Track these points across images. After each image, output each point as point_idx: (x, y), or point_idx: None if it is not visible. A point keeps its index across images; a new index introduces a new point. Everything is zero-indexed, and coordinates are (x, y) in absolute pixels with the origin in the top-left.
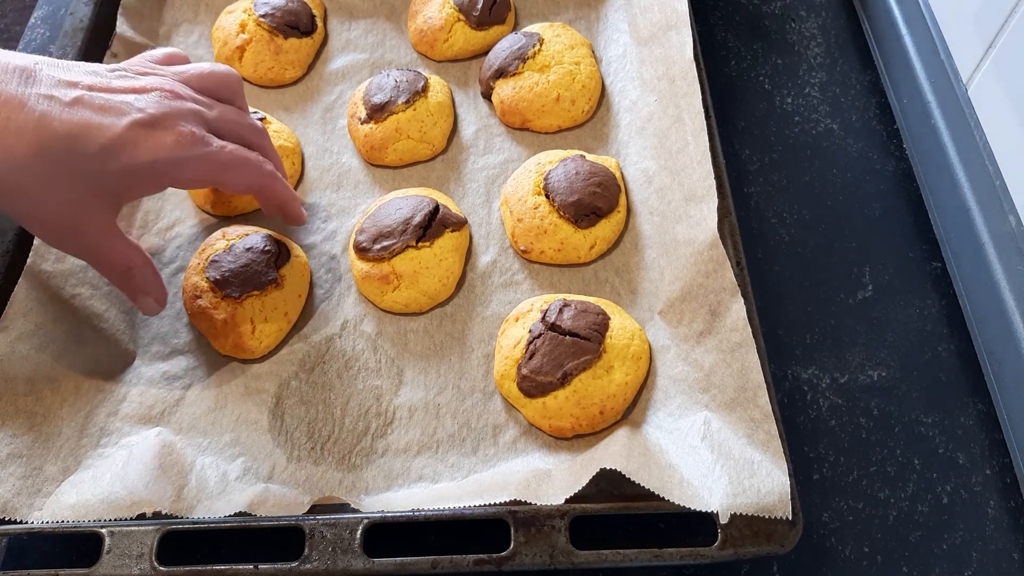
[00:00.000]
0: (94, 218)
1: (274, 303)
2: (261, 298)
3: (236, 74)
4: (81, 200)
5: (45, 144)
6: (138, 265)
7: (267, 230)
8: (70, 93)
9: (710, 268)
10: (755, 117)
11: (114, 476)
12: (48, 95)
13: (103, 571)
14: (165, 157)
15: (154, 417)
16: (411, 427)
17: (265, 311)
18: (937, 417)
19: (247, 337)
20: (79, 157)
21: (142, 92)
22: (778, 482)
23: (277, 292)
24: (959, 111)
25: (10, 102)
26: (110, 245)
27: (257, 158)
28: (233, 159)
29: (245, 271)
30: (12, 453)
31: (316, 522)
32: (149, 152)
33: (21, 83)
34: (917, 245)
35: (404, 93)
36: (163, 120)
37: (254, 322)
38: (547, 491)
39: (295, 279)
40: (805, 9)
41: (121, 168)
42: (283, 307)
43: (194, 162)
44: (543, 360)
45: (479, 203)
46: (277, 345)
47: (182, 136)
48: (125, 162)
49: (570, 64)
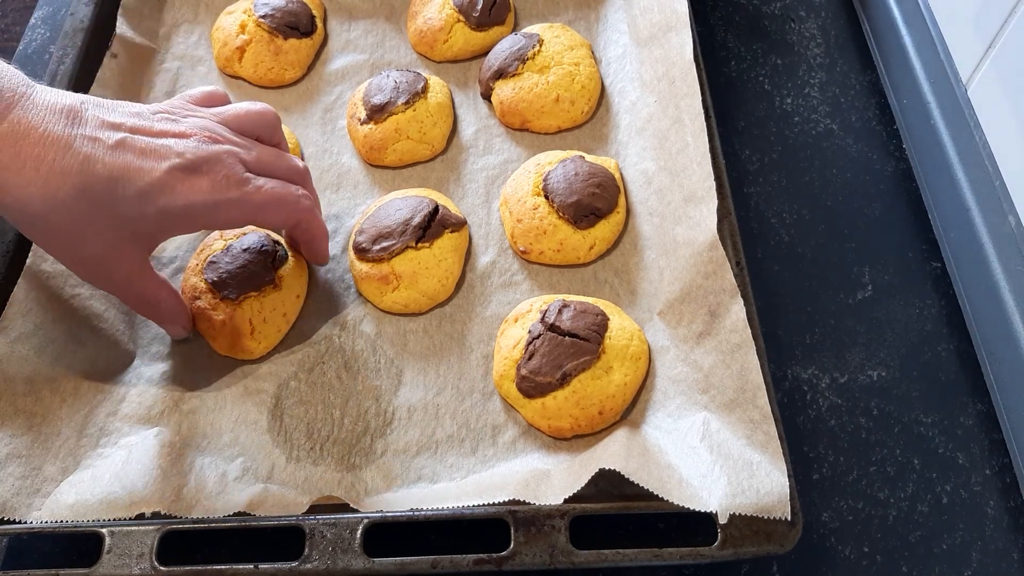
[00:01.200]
0: (128, 258)
1: (272, 304)
2: (259, 299)
3: (273, 112)
4: (117, 241)
5: (88, 186)
6: (165, 299)
7: (265, 230)
8: (114, 136)
9: (710, 269)
10: (755, 117)
11: (113, 476)
12: (93, 137)
13: (103, 571)
14: (201, 201)
15: (153, 417)
16: (410, 427)
17: (264, 312)
18: (937, 417)
19: (246, 338)
20: (118, 199)
21: (182, 137)
22: (777, 483)
23: (275, 293)
24: (959, 111)
25: (57, 143)
26: (141, 283)
27: (293, 193)
28: (268, 198)
29: (243, 272)
30: (11, 453)
31: (316, 522)
32: (186, 196)
33: (68, 124)
34: (917, 245)
35: (404, 94)
36: (201, 165)
37: (252, 323)
38: (546, 491)
39: (293, 279)
40: (805, 9)
41: (157, 211)
42: (281, 308)
43: (228, 205)
44: (542, 361)
45: (478, 204)
46: (276, 345)
47: (218, 181)
48: (161, 206)
49: (570, 65)
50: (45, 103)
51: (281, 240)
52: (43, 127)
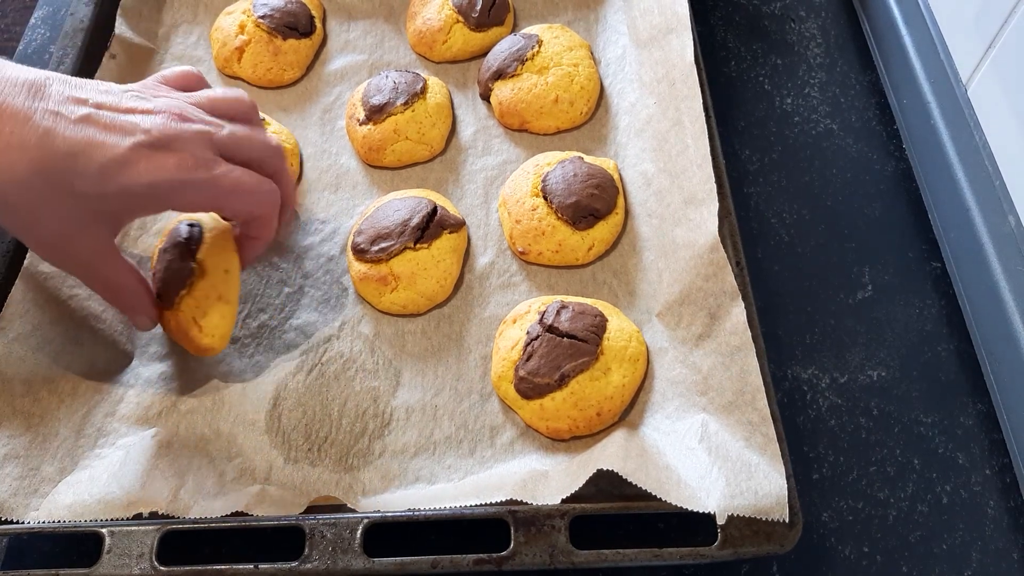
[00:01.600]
0: (90, 238)
1: (203, 292)
2: (191, 293)
3: (250, 99)
4: (79, 219)
5: (46, 161)
6: (130, 285)
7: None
8: (78, 110)
9: (710, 271)
10: (755, 117)
11: (111, 476)
12: (55, 111)
13: (103, 571)
14: (166, 180)
15: (151, 418)
16: (408, 428)
17: (200, 305)
18: (937, 417)
19: (199, 339)
20: (78, 175)
21: (150, 113)
22: (775, 484)
23: (202, 281)
24: (959, 111)
25: (16, 116)
26: (105, 266)
27: (263, 187)
28: (235, 185)
29: (167, 273)
30: (9, 454)
31: (316, 522)
32: (149, 174)
33: (29, 97)
34: (917, 245)
35: (403, 95)
36: (168, 142)
37: (196, 320)
38: (544, 492)
39: (215, 257)
40: (805, 9)
41: (119, 189)
42: (213, 292)
43: (194, 187)
44: (540, 362)
45: (477, 204)
46: (272, 342)
47: (185, 160)
48: (123, 183)
49: (569, 66)
50: (6, 77)
51: (198, 219)
52: (1, 99)
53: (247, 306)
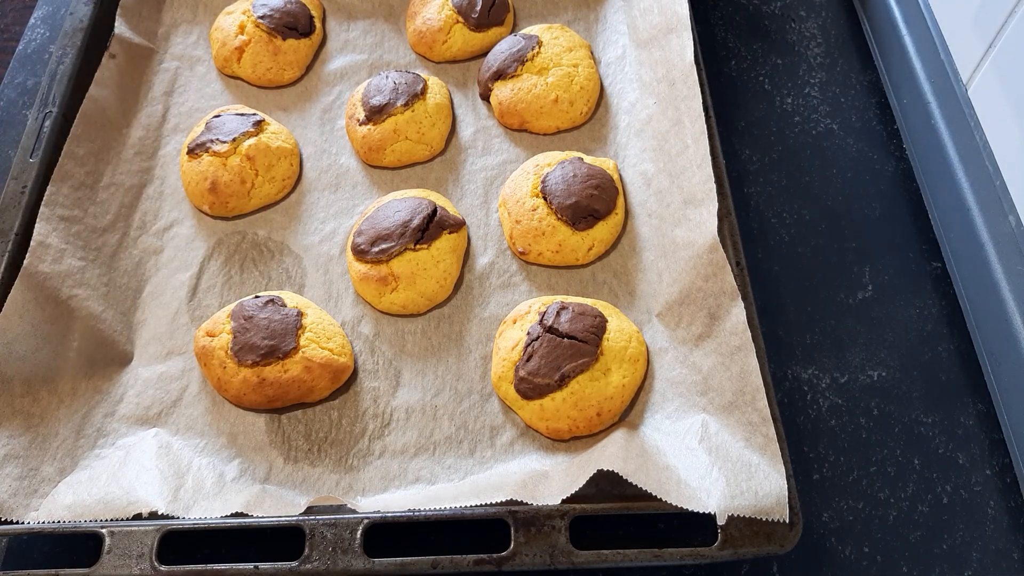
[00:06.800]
0: None
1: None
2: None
3: None
4: None
5: None
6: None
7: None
8: None
9: (710, 272)
10: (755, 117)
11: (111, 477)
12: None
13: (103, 571)
14: None
15: (151, 418)
16: (408, 429)
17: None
18: (937, 417)
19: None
20: None
21: None
22: (775, 485)
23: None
24: (959, 111)
25: None
26: None
27: None
28: None
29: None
30: (9, 454)
31: (316, 522)
32: None
33: None
34: (917, 245)
35: (403, 95)
36: None
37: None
38: (544, 492)
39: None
40: (805, 9)
41: None
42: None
43: None
44: (540, 362)
45: (477, 205)
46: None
47: None
48: None
49: (568, 66)
50: None
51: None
52: None
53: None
